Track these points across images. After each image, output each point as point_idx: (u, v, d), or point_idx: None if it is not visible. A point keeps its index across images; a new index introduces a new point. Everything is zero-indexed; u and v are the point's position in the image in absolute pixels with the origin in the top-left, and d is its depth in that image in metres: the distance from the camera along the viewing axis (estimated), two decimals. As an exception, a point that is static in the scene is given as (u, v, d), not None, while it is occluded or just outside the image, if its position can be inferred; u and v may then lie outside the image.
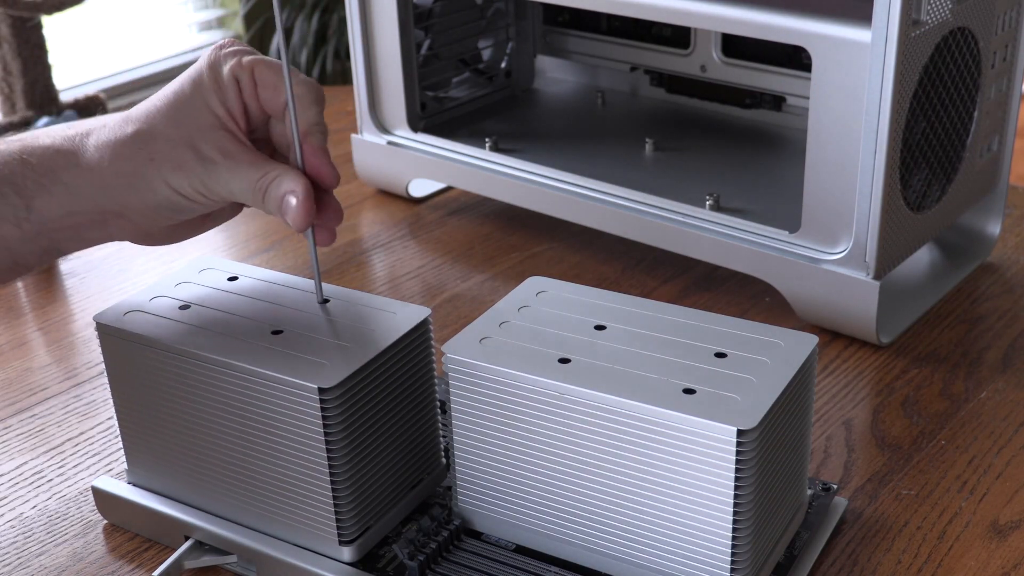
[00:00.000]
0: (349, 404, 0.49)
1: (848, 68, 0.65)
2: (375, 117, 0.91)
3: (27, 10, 1.28)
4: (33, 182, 0.51)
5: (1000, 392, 0.66)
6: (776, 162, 0.85)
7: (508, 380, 0.48)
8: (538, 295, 0.54)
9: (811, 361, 0.50)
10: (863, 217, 0.67)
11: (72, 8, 1.31)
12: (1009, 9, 0.73)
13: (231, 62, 0.52)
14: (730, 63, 0.90)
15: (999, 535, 0.55)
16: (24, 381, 0.70)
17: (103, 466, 0.62)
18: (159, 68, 2.39)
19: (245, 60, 0.52)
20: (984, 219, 0.81)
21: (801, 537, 0.53)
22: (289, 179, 0.51)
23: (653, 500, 0.47)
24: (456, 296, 0.79)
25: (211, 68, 0.52)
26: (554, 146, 0.89)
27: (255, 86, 0.52)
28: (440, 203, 0.95)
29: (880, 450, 0.62)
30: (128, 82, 2.33)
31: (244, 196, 0.52)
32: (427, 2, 0.92)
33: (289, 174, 0.51)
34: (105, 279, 0.83)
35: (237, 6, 2.56)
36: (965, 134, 0.74)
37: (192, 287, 0.56)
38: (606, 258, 0.84)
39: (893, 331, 0.72)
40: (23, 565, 0.55)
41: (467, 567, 0.50)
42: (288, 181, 0.51)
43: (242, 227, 0.91)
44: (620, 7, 0.77)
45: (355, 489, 0.50)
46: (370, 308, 0.54)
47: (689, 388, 0.46)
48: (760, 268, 0.73)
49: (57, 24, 1.86)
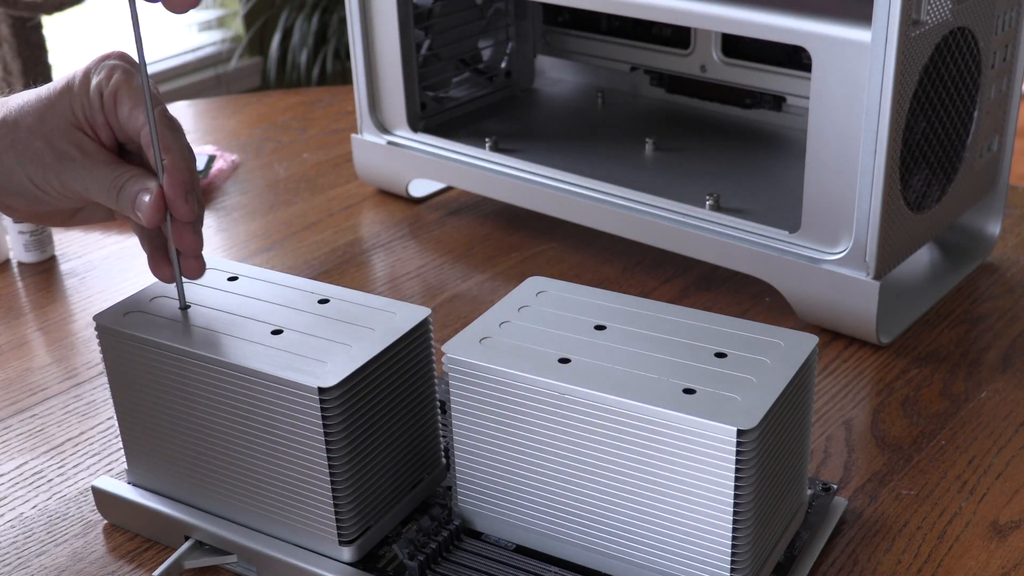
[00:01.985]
0: (349, 404, 0.49)
1: (848, 68, 0.65)
2: (375, 117, 0.91)
3: (27, 10, 1.28)
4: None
5: (1000, 392, 0.66)
6: (776, 162, 0.85)
7: (508, 380, 0.48)
8: (538, 295, 0.54)
9: (811, 361, 0.50)
10: (863, 217, 0.67)
11: (72, 8, 1.31)
12: (1009, 9, 0.73)
13: (101, 75, 0.53)
14: (730, 63, 0.90)
15: (999, 535, 0.55)
16: (24, 381, 0.70)
17: (103, 466, 0.62)
18: (159, 68, 2.39)
19: (113, 79, 0.52)
20: (984, 219, 0.81)
21: (801, 537, 0.53)
22: (144, 178, 0.52)
23: (653, 500, 0.47)
24: (456, 296, 0.79)
25: (84, 75, 0.53)
26: (554, 146, 0.89)
27: (115, 106, 0.52)
28: (440, 203, 0.95)
29: (880, 450, 0.62)
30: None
31: (100, 194, 0.53)
32: (427, 2, 0.92)
33: (144, 175, 0.52)
34: (105, 279, 0.83)
35: (237, 6, 2.56)
36: (965, 134, 0.74)
37: (192, 287, 0.56)
38: (606, 258, 0.84)
39: (893, 331, 0.72)
40: (23, 565, 0.55)
41: (467, 567, 0.50)
42: (144, 180, 0.52)
43: (242, 227, 0.91)
44: (620, 7, 0.77)
45: (355, 489, 0.50)
46: (370, 308, 0.54)
47: (689, 388, 0.46)
48: (760, 268, 0.73)
49: (57, 24, 1.86)
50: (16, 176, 0.53)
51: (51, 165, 0.52)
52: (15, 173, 0.53)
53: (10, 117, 0.53)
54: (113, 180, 0.52)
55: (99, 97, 0.52)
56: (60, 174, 0.53)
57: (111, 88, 0.52)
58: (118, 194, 0.52)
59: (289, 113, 1.16)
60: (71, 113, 0.53)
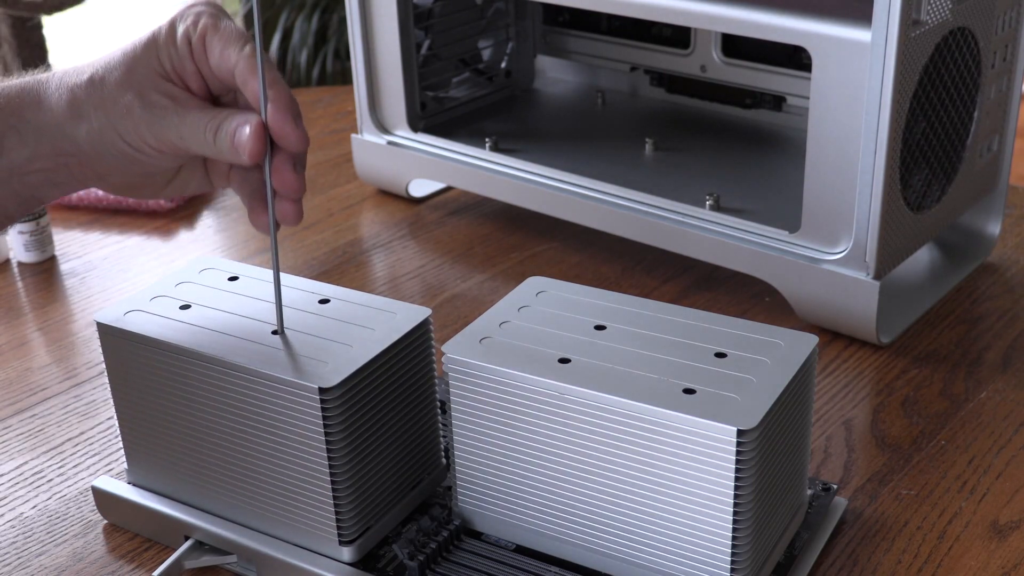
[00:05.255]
0: (349, 404, 0.49)
1: (848, 68, 0.65)
2: (375, 117, 0.91)
3: (27, 10, 1.28)
4: (2, 122, 0.52)
5: (1000, 392, 0.66)
6: (776, 162, 0.85)
7: (508, 380, 0.48)
8: (538, 295, 0.54)
9: (811, 361, 0.50)
10: (863, 217, 0.67)
11: (72, 8, 1.31)
12: (1009, 9, 0.73)
13: (188, 22, 0.51)
14: (730, 63, 0.90)
15: (999, 535, 0.55)
16: (24, 381, 0.70)
17: (103, 466, 0.62)
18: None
19: (201, 23, 0.51)
20: (984, 219, 0.81)
21: (801, 537, 0.53)
22: (241, 115, 0.51)
23: (653, 500, 0.47)
24: (456, 296, 0.79)
25: (170, 25, 0.52)
26: (554, 146, 0.89)
27: (204, 51, 0.51)
28: (440, 203, 0.95)
29: (880, 450, 0.62)
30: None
31: (195, 138, 0.51)
32: (427, 2, 0.92)
33: (242, 112, 0.51)
34: (105, 279, 0.83)
35: (237, 6, 2.56)
36: (965, 134, 0.74)
37: (192, 287, 0.56)
38: (606, 258, 0.84)
39: (893, 331, 0.72)
40: (23, 565, 0.55)
41: (467, 567, 0.50)
42: (241, 115, 0.50)
43: (242, 227, 0.91)
44: (620, 7, 0.77)
45: (355, 489, 0.50)
46: (370, 308, 0.54)
47: (689, 388, 0.46)
48: (760, 268, 0.73)
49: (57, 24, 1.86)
50: (108, 136, 0.51)
51: (143, 117, 0.51)
52: (106, 132, 0.51)
53: (96, 75, 0.52)
54: (208, 122, 0.51)
55: (187, 44, 0.51)
56: (152, 125, 0.51)
57: (199, 33, 0.51)
58: (215, 134, 0.51)
59: (289, 113, 1.15)
60: (159, 64, 0.51)
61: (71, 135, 0.52)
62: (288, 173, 0.51)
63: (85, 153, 0.52)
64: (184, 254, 0.86)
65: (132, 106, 0.51)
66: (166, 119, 0.51)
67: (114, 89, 0.51)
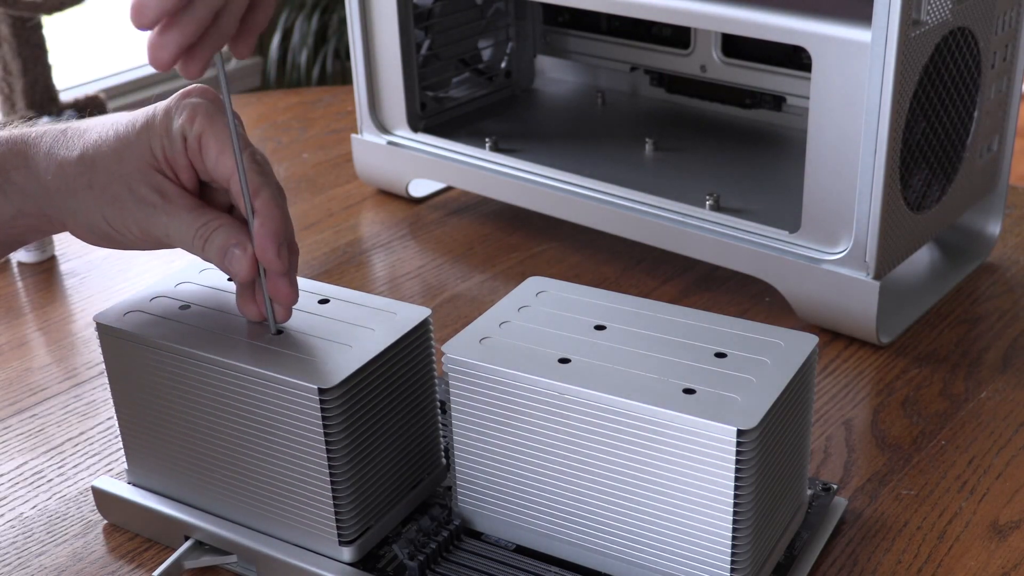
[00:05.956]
0: (349, 404, 0.49)
1: (848, 68, 0.65)
2: (375, 117, 0.91)
3: (27, 10, 1.28)
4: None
5: (1000, 392, 0.66)
6: (776, 162, 0.85)
7: (508, 380, 0.48)
8: (538, 295, 0.54)
9: (811, 361, 0.50)
10: (863, 217, 0.67)
11: (72, 8, 1.32)
12: (1009, 9, 0.73)
13: (183, 117, 0.50)
14: (730, 63, 0.90)
15: (999, 535, 0.55)
16: (24, 381, 0.70)
17: (103, 466, 0.62)
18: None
19: (196, 123, 0.50)
20: (984, 219, 0.81)
21: (801, 537, 0.53)
22: (234, 230, 0.50)
23: (653, 500, 0.47)
24: (456, 296, 0.79)
25: (166, 114, 0.51)
26: (554, 146, 0.89)
27: (200, 152, 0.50)
28: (440, 203, 0.95)
29: (880, 450, 0.62)
30: (128, 82, 2.34)
31: (182, 242, 0.51)
32: (427, 2, 0.92)
33: (233, 225, 0.50)
34: (105, 279, 0.83)
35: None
36: (965, 134, 0.74)
37: (192, 287, 0.56)
38: (606, 258, 0.84)
39: (893, 331, 0.72)
40: (23, 565, 0.55)
41: (467, 567, 0.50)
42: (233, 232, 0.50)
43: (242, 227, 0.91)
44: (620, 7, 0.77)
45: (355, 489, 0.50)
46: (370, 308, 0.54)
47: (689, 388, 0.46)
48: (760, 268, 0.73)
49: (57, 24, 1.86)
50: (92, 216, 0.51)
51: (131, 210, 0.50)
52: (91, 213, 0.51)
53: (87, 155, 0.51)
54: (199, 229, 0.50)
55: (182, 140, 0.50)
56: (140, 220, 0.51)
57: (195, 132, 0.50)
58: (204, 244, 0.50)
59: (289, 113, 1.16)
60: (150, 154, 0.51)
61: (58, 205, 0.52)
62: (281, 285, 0.51)
63: (71, 220, 0.52)
64: (184, 254, 0.86)
65: (121, 197, 0.51)
66: (155, 216, 0.50)
67: (104, 175, 0.51)
